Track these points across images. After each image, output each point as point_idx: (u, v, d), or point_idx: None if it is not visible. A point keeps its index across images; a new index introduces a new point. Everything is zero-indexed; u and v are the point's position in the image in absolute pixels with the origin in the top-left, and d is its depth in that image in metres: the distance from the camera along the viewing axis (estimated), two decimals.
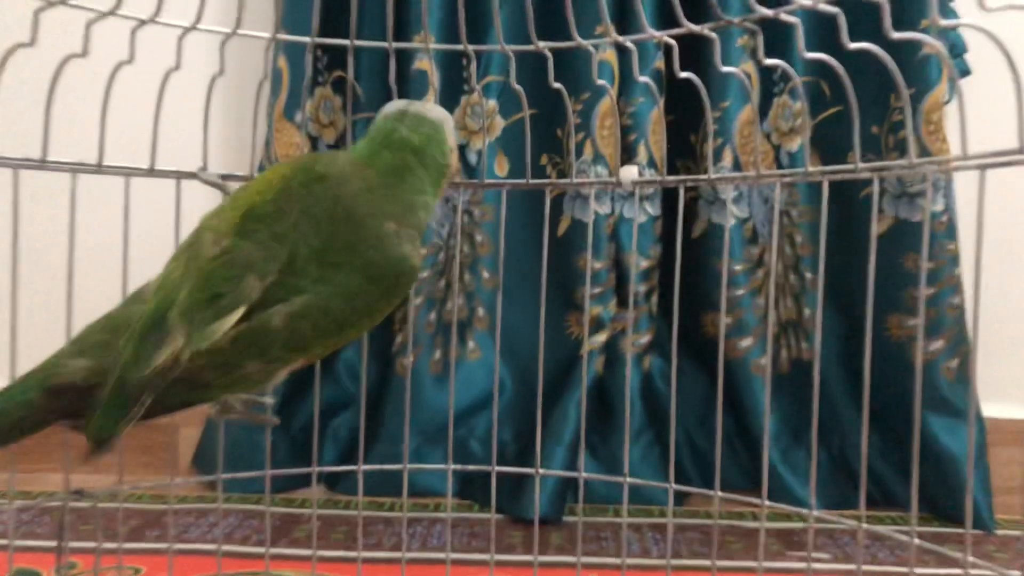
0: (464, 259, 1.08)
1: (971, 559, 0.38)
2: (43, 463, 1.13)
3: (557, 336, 1.05)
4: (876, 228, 0.45)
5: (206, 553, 0.83)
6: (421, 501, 1.02)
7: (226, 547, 0.85)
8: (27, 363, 0.51)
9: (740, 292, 1.04)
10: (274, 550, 0.85)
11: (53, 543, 0.85)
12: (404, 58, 1.04)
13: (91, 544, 0.85)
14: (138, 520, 0.93)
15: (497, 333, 0.56)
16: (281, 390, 1.07)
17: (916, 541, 0.40)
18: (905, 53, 0.96)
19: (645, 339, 1.06)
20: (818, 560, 0.84)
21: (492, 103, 1.07)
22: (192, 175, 0.51)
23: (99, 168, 0.48)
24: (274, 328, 0.40)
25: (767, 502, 0.48)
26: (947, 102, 0.98)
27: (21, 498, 1.00)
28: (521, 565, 0.82)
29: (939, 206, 0.98)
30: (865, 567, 0.82)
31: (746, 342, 1.04)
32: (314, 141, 1.08)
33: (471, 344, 1.09)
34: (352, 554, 0.84)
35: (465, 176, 1.07)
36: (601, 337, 1.03)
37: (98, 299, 0.97)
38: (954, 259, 0.99)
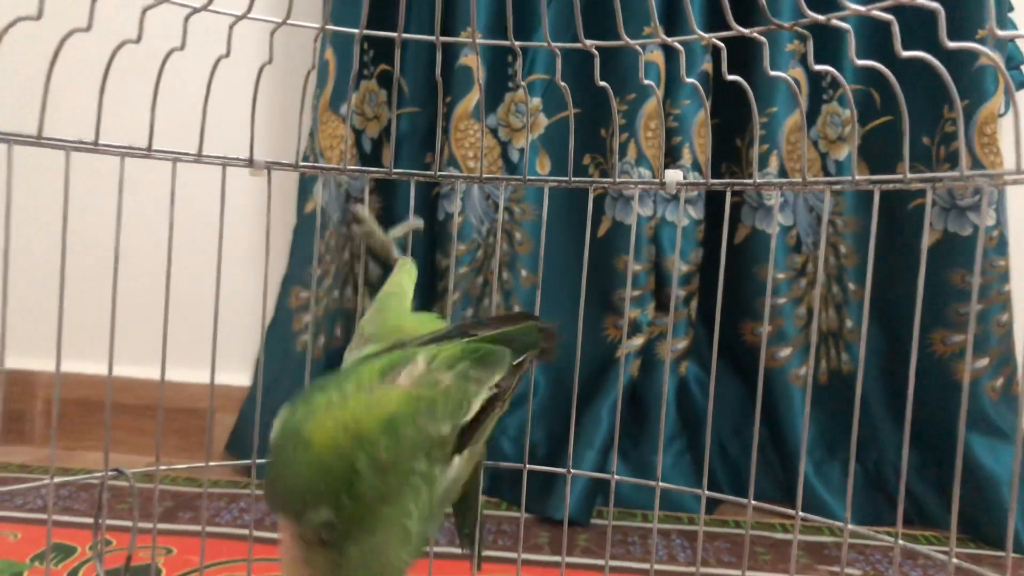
0: (503, 257, 1.08)
1: None
2: (83, 441, 1.16)
3: (593, 338, 1.05)
4: (927, 240, 0.44)
5: (237, 537, 0.84)
6: None
7: (256, 533, 0.86)
8: (73, 346, 0.52)
9: (781, 301, 1.02)
10: None
11: (90, 519, 0.87)
12: (449, 55, 1.04)
13: (126, 523, 0.87)
14: (171, 501, 0.95)
15: None
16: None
17: (954, 561, 0.40)
18: (960, 63, 0.94)
19: (682, 345, 1.05)
20: None
21: (536, 101, 1.06)
22: (240, 162, 0.52)
23: (148, 153, 0.49)
24: None
25: (801, 513, 0.47)
26: (1002, 114, 0.96)
27: (60, 475, 1.03)
28: (548, 565, 0.82)
29: (990, 220, 0.96)
30: None
31: (785, 352, 1.02)
32: (358, 134, 1.09)
33: None
34: None
35: (507, 173, 1.07)
36: (638, 341, 1.02)
37: (143, 282, 0.99)
38: (1003, 275, 0.96)
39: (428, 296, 1.11)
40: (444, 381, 0.42)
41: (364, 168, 0.55)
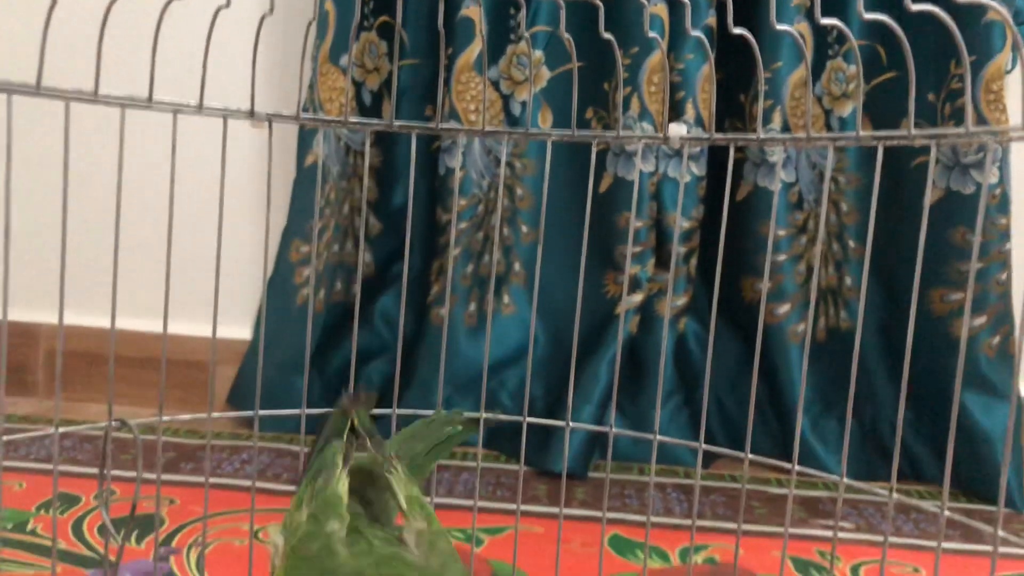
0: (504, 212, 1.08)
1: (1001, 533, 0.37)
2: (85, 393, 1.17)
3: (592, 294, 1.05)
4: (929, 198, 0.44)
5: (239, 488, 0.86)
6: None
7: (259, 483, 0.88)
8: (73, 298, 0.52)
9: (781, 258, 1.02)
10: None
11: (94, 469, 0.88)
12: (451, 6, 1.03)
13: (130, 473, 0.88)
14: (173, 453, 0.96)
15: (535, 288, 0.56)
16: (318, 334, 1.08)
17: (947, 513, 0.40)
18: (967, 18, 0.93)
19: (682, 301, 1.05)
20: (843, 529, 0.84)
21: (539, 54, 1.05)
22: (241, 114, 0.51)
23: (149, 104, 0.48)
24: None
25: (797, 467, 0.48)
26: (1009, 71, 0.95)
27: (64, 426, 1.04)
28: (546, 516, 0.83)
29: (993, 178, 0.96)
30: (891, 538, 0.82)
31: (783, 308, 1.03)
32: (358, 86, 1.08)
33: (506, 299, 1.09)
34: None
35: (509, 127, 1.06)
36: (637, 297, 1.02)
37: (144, 235, 0.99)
38: (1004, 234, 0.96)
39: (428, 252, 1.11)
40: (301, 516, 0.41)
41: (365, 120, 0.55)
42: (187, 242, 1.04)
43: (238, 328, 1.16)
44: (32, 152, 1.10)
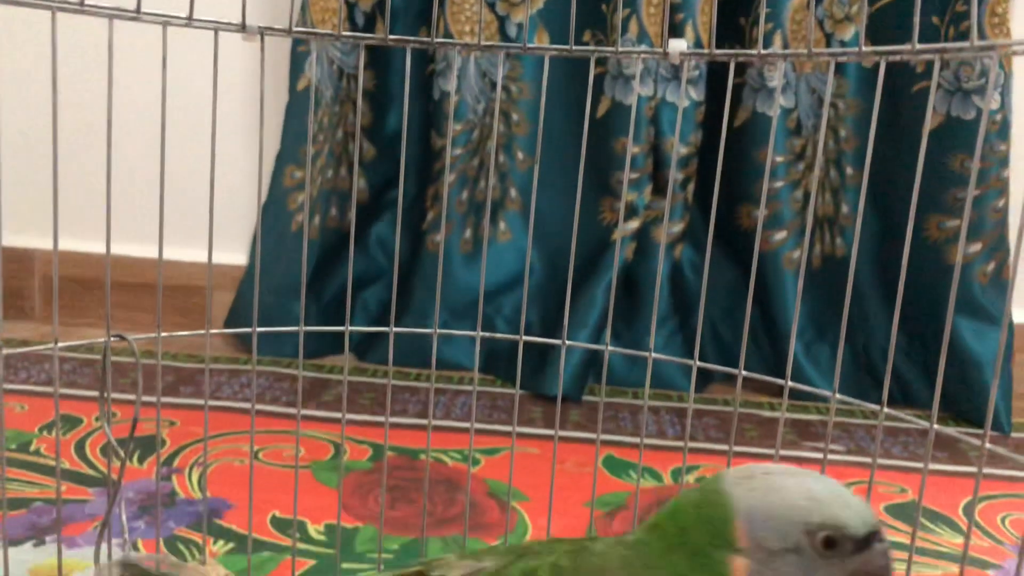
0: (499, 139, 1.07)
1: (989, 446, 0.38)
2: (81, 318, 1.17)
3: (589, 221, 1.05)
4: (930, 116, 0.43)
5: (238, 411, 0.87)
6: (446, 373, 1.04)
7: (258, 406, 0.89)
8: (65, 223, 0.52)
9: (779, 184, 1.02)
10: (304, 412, 0.88)
11: (94, 392, 0.88)
12: None
13: (129, 396, 0.89)
14: (172, 376, 0.96)
15: (531, 214, 0.55)
16: (313, 260, 1.08)
17: (936, 426, 0.41)
18: None
19: (678, 228, 1.05)
20: (833, 451, 0.86)
21: None
22: (232, 27, 0.50)
23: (137, 15, 0.47)
24: None
25: (789, 384, 0.48)
26: None
27: (63, 347, 1.04)
28: (541, 438, 0.84)
29: (995, 104, 0.94)
30: (879, 460, 0.84)
31: (780, 235, 1.03)
32: (351, 8, 1.06)
33: (502, 225, 1.09)
34: (379, 419, 0.87)
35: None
36: (634, 224, 1.02)
37: (135, 157, 0.97)
38: (1003, 161, 0.96)
39: (422, 178, 1.10)
40: None
41: (359, 34, 0.53)
42: (180, 165, 1.03)
43: (234, 254, 1.15)
44: (18, 69, 1.08)
